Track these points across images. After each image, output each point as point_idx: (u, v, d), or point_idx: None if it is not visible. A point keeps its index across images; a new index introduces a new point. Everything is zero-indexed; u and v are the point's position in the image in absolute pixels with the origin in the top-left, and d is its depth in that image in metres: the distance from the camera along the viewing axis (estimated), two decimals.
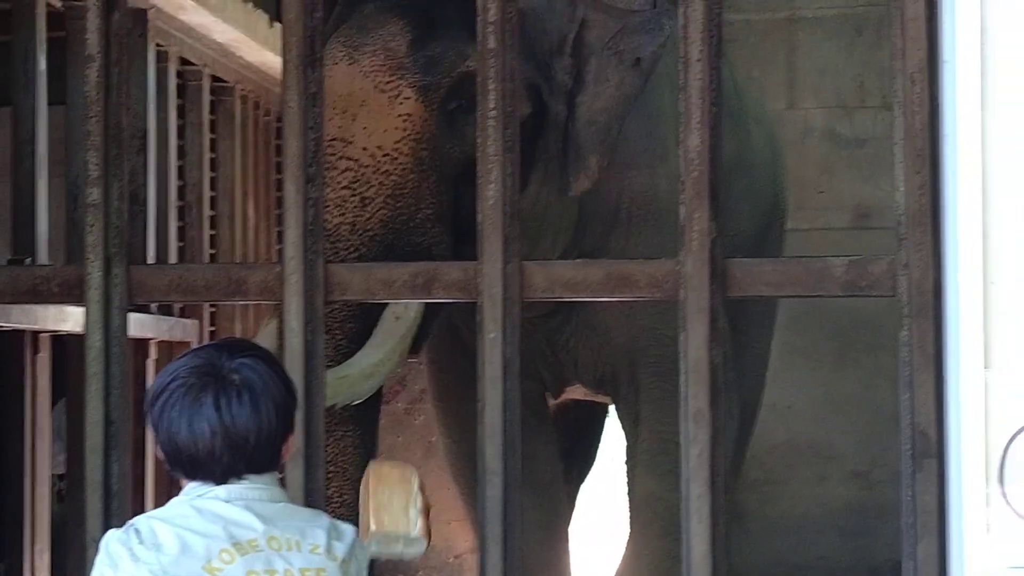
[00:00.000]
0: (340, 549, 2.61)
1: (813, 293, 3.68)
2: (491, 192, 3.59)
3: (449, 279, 3.69)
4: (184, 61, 6.12)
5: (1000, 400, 1.94)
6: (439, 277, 3.69)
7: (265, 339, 4.12)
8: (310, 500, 3.60)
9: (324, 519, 2.67)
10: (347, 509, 4.25)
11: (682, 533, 3.56)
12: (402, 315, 4.36)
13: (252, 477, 2.60)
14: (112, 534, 2.56)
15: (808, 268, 3.60)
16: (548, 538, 5.56)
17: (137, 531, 2.53)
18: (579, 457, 6.40)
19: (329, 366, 4.24)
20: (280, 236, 5.03)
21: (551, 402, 5.66)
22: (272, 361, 2.65)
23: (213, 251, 6.35)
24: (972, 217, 1.95)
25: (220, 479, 2.58)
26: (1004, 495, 1.94)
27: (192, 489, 2.60)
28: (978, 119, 2.09)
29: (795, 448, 7.31)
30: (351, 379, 4.26)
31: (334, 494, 4.31)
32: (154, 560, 2.49)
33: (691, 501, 3.53)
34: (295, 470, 3.59)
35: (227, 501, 2.58)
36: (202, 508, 2.57)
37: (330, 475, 4.37)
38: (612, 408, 5.67)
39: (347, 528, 2.67)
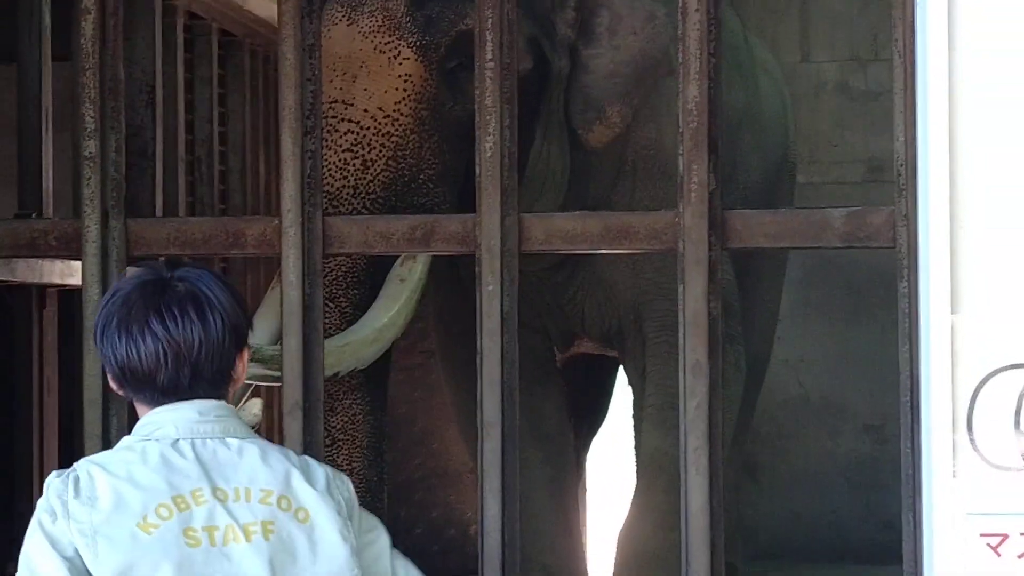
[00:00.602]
0: (309, 493, 2.45)
1: (813, 244, 3.66)
2: (489, 144, 3.58)
3: (447, 232, 3.67)
4: (192, 15, 6.10)
5: (968, 346, 1.92)
6: (437, 230, 3.68)
7: (270, 304, 4.12)
8: (309, 455, 3.59)
9: (289, 459, 2.51)
10: (357, 477, 4.26)
11: (680, 485, 3.55)
12: (407, 278, 4.35)
13: (204, 404, 2.48)
14: (53, 480, 2.46)
15: (807, 219, 3.58)
16: (555, 493, 5.56)
17: (76, 480, 2.42)
18: (588, 413, 6.40)
19: (333, 334, 4.26)
20: None
21: (558, 357, 5.66)
22: (219, 275, 2.54)
23: (223, 206, 6.34)
24: (939, 163, 1.93)
25: (167, 396, 2.46)
26: (972, 442, 1.93)
27: (142, 426, 2.49)
28: (945, 65, 2.06)
29: (808, 402, 7.30)
30: (355, 345, 4.25)
31: (343, 462, 4.32)
32: (86, 519, 2.37)
33: (689, 453, 3.53)
34: (293, 423, 3.60)
35: (175, 442, 2.45)
36: (147, 452, 2.44)
37: (340, 443, 4.39)
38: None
39: (320, 470, 2.53)
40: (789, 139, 5.94)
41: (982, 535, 1.91)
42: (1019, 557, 1.92)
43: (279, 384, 3.80)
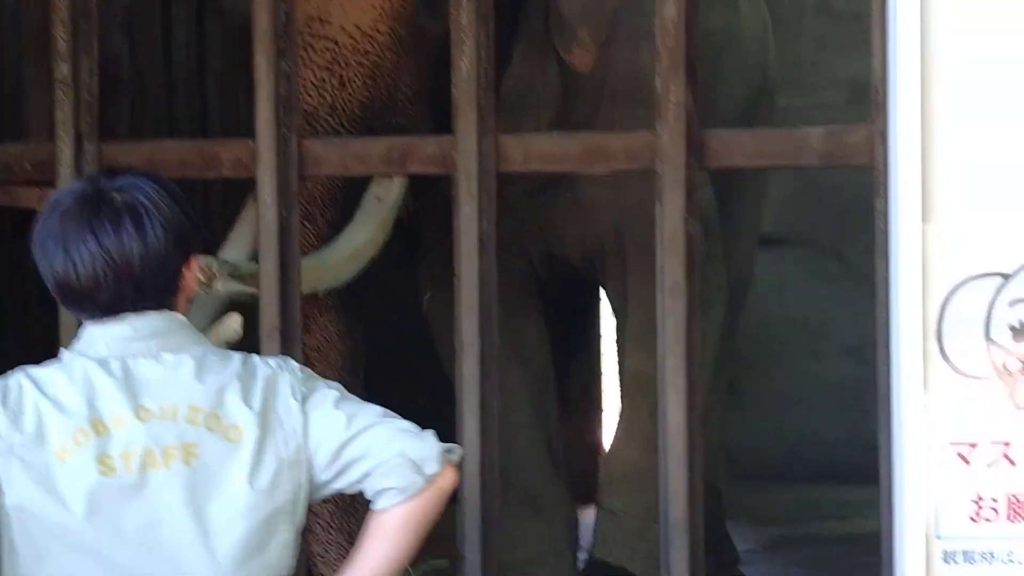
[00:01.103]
0: (242, 411, 2.33)
1: (791, 164, 3.65)
2: (465, 64, 3.55)
3: (424, 153, 3.66)
4: None
5: (939, 254, 1.92)
6: (414, 151, 3.66)
7: (244, 224, 4.10)
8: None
9: (229, 369, 2.37)
10: None
11: (658, 405, 3.56)
12: (384, 197, 4.33)
13: (139, 319, 2.37)
14: None
15: (786, 139, 3.57)
16: (536, 415, 5.57)
17: (7, 388, 2.35)
18: (572, 337, 6.40)
19: (309, 254, 4.24)
20: None
21: (541, 280, 5.65)
22: (163, 181, 2.43)
23: (203, 132, 6.29)
24: (910, 73, 1.92)
25: (108, 311, 2.36)
26: (942, 351, 1.93)
27: (77, 341, 2.40)
28: None
29: (790, 324, 7.32)
30: (333, 264, 4.23)
31: None
32: (6, 433, 2.30)
33: (667, 373, 3.53)
34: (271, 345, 3.59)
35: (104, 360, 2.34)
36: (74, 371, 2.34)
37: (315, 363, 4.38)
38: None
39: (263, 371, 2.38)
40: (770, 62, 5.90)
41: (952, 444, 1.92)
42: (988, 465, 1.93)
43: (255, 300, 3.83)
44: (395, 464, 2.35)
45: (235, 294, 3.84)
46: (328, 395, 2.41)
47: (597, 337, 7.00)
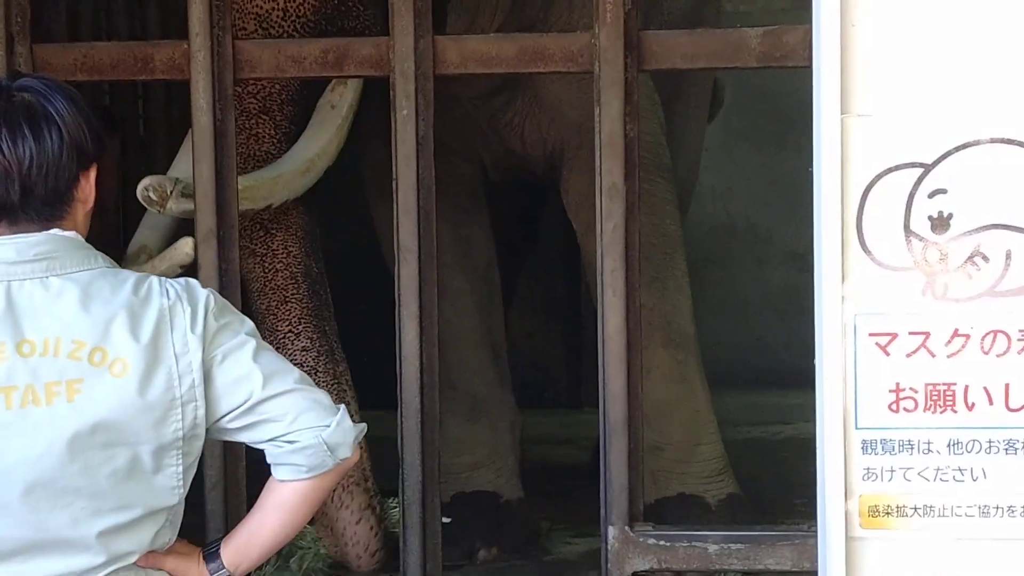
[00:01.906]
0: (128, 344, 2.26)
1: (729, 65, 3.63)
2: None
3: (360, 55, 3.62)
4: None
5: (859, 147, 1.91)
6: (350, 53, 3.62)
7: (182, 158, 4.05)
8: (224, 280, 3.59)
9: (118, 297, 2.30)
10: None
11: (597, 305, 3.57)
12: (337, 104, 4.27)
13: (25, 239, 2.29)
14: None
15: (724, 39, 3.55)
16: (483, 321, 5.58)
17: None
18: (519, 242, 6.40)
19: (267, 146, 4.18)
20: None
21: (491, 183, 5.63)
22: (66, 88, 2.36)
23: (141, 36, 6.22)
24: None
25: None
26: (862, 243, 1.93)
27: None
28: None
29: (734, 230, 7.34)
30: (287, 176, 4.17)
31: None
32: None
33: (605, 275, 3.53)
34: (208, 251, 3.57)
35: None
36: None
37: (278, 270, 4.36)
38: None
39: (158, 301, 2.31)
40: None
41: (871, 335, 1.93)
42: (907, 356, 1.94)
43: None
44: (309, 443, 2.33)
45: (187, 213, 3.80)
46: (246, 343, 2.36)
47: (533, 244, 6.98)
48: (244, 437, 2.36)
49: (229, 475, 3.50)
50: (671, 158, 5.38)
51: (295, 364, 3.90)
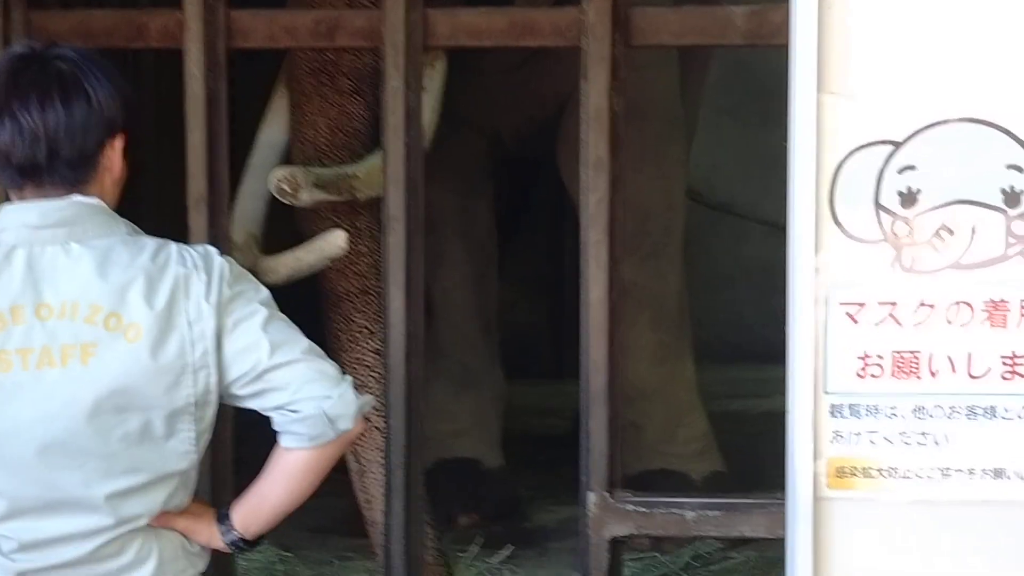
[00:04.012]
0: (143, 311, 2.30)
1: (715, 42, 3.70)
2: None
3: (353, 26, 3.67)
4: None
5: (833, 124, 1.98)
6: (342, 24, 3.68)
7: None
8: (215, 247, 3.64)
9: (136, 264, 2.34)
10: None
11: (580, 280, 3.63)
12: (428, 87, 4.04)
13: (49, 204, 2.34)
14: None
15: (711, 17, 3.61)
16: (477, 293, 5.64)
17: None
18: (507, 215, 6.43)
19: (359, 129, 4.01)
20: None
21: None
22: (96, 57, 2.41)
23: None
24: None
25: (23, 175, 2.34)
26: (834, 216, 2.00)
27: None
28: None
29: (716, 206, 7.38)
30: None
31: None
32: None
33: (589, 247, 3.59)
34: (198, 218, 3.63)
35: (12, 249, 2.32)
36: None
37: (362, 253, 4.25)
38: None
39: (175, 268, 2.34)
40: None
41: (841, 304, 2.00)
42: (876, 325, 2.01)
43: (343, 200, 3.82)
44: (310, 414, 2.37)
45: (320, 203, 3.84)
46: (257, 312, 2.39)
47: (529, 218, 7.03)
48: (253, 404, 2.41)
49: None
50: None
51: (363, 366, 3.94)
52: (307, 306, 4.06)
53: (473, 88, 4.85)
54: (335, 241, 3.87)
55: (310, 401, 2.37)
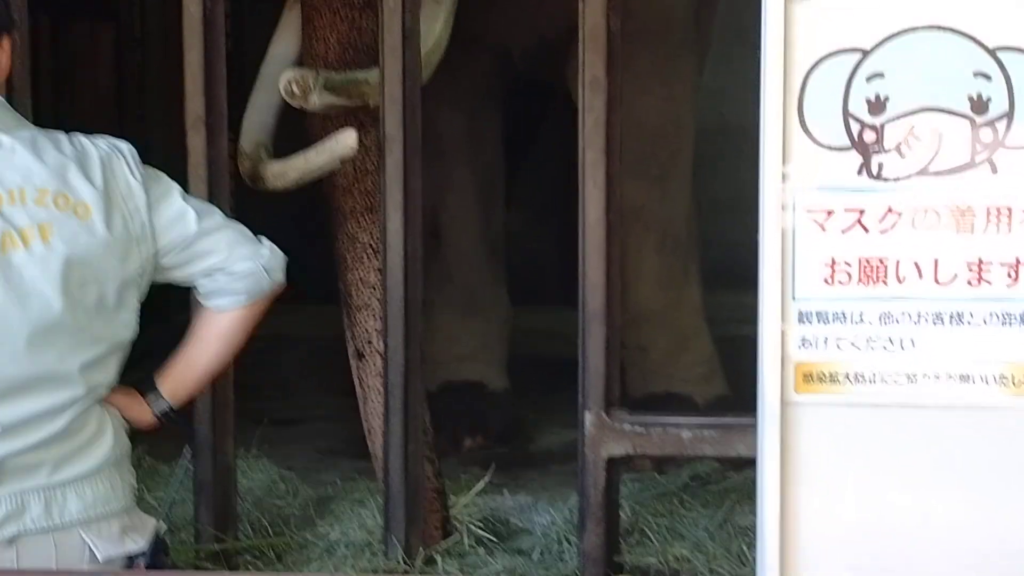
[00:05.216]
0: (86, 188, 2.36)
1: None
2: None
3: None
4: None
5: (801, 31, 1.99)
6: None
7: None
8: (213, 168, 3.66)
9: (62, 149, 2.39)
10: None
11: (578, 199, 3.65)
12: None
13: None
14: None
15: None
16: (483, 219, 5.64)
17: None
18: (518, 141, 6.42)
19: (370, 44, 4.05)
20: None
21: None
22: None
23: None
24: None
25: None
26: (803, 123, 2.01)
27: None
28: None
29: (727, 131, 7.35)
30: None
31: None
32: None
33: (587, 167, 3.61)
34: (196, 137, 3.64)
35: None
36: None
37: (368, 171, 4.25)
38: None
39: (96, 151, 2.40)
40: None
41: (808, 211, 2.01)
42: (843, 232, 2.02)
43: (353, 105, 3.80)
44: (248, 271, 2.47)
45: (331, 107, 3.81)
46: (172, 186, 2.48)
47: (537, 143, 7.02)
48: (182, 272, 2.47)
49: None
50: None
51: (367, 285, 3.96)
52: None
53: (484, 3, 4.83)
54: (345, 140, 3.79)
55: (246, 260, 2.47)
